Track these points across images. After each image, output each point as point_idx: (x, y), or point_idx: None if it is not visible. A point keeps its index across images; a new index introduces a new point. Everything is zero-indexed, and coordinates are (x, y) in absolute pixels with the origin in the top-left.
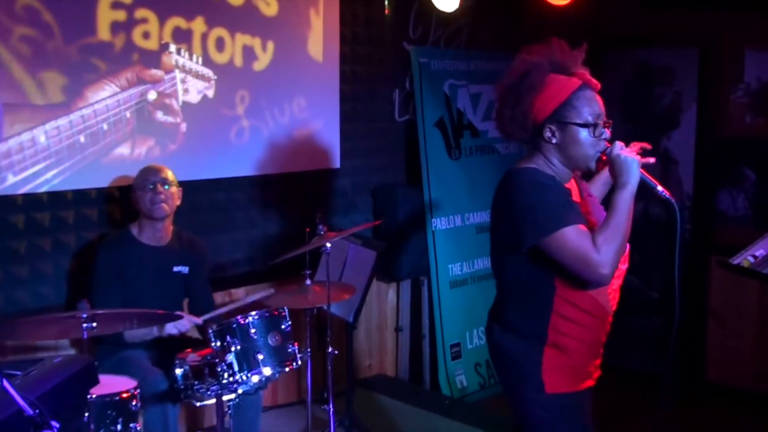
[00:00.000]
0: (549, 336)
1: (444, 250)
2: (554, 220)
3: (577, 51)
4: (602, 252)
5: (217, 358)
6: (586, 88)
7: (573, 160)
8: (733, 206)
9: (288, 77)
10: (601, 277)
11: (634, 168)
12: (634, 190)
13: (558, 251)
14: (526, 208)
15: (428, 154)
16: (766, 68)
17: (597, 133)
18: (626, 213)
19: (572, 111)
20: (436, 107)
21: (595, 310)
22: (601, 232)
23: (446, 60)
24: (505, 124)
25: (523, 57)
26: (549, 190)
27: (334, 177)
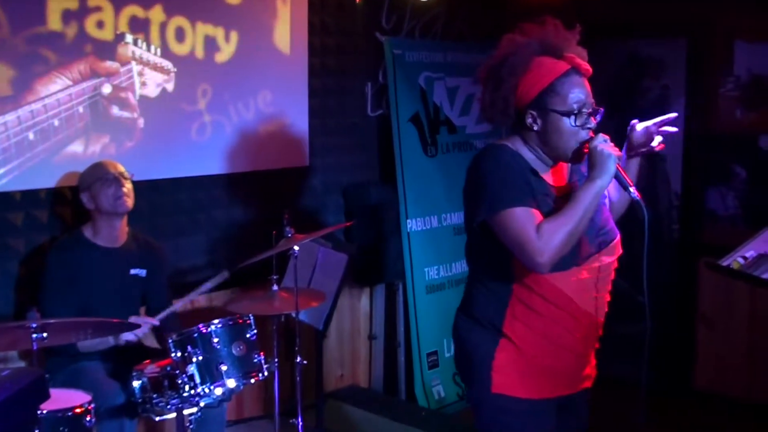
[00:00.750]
0: (506, 324)
1: (420, 253)
2: (503, 198)
3: (570, 32)
4: (544, 239)
5: (177, 370)
6: (574, 74)
7: (552, 149)
8: (722, 205)
9: (253, 70)
10: (535, 264)
11: (609, 164)
12: (603, 186)
13: (501, 231)
14: (481, 183)
15: (403, 151)
16: (757, 60)
17: (580, 122)
18: (585, 207)
19: (555, 97)
20: (411, 101)
21: (559, 300)
22: (552, 219)
23: (421, 51)
24: (486, 107)
25: (510, 37)
26: (507, 168)
27: (303, 175)
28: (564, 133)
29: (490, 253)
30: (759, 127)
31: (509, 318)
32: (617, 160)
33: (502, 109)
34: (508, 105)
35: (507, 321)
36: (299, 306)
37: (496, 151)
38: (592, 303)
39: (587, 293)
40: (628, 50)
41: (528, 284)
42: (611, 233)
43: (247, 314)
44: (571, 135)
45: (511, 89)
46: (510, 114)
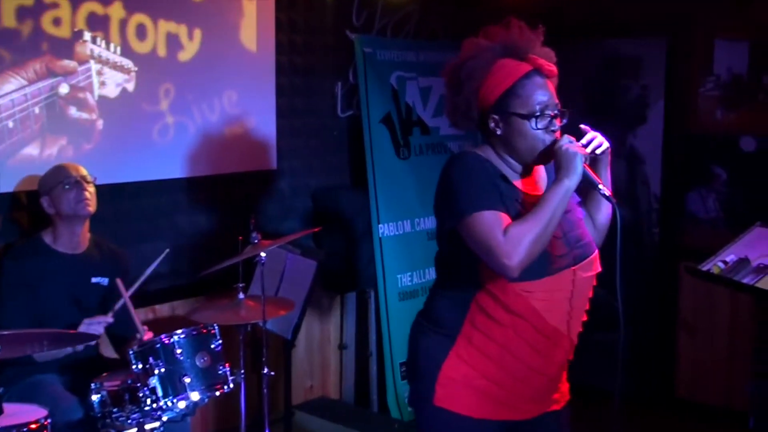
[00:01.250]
0: (462, 331)
1: (392, 259)
2: (470, 203)
3: (534, 33)
4: (512, 241)
5: (138, 382)
6: (535, 75)
7: (517, 153)
8: (703, 207)
9: (217, 69)
10: (504, 267)
11: (576, 163)
12: (570, 187)
13: (469, 236)
14: (449, 190)
15: (374, 153)
16: (737, 59)
17: (542, 125)
18: (553, 208)
19: (516, 100)
20: (382, 102)
21: (524, 312)
22: (519, 221)
23: (393, 50)
24: (449, 112)
25: (471, 40)
26: (474, 173)
27: (270, 179)
28: (526, 136)
29: (458, 260)
30: (739, 128)
31: (467, 326)
32: (584, 159)
33: (464, 113)
34: (470, 109)
35: (464, 329)
36: (266, 315)
37: (465, 157)
38: (565, 320)
39: (559, 309)
40: (606, 50)
41: (493, 292)
42: (588, 247)
43: (212, 324)
44: (533, 138)
45: (472, 93)
46: (473, 118)
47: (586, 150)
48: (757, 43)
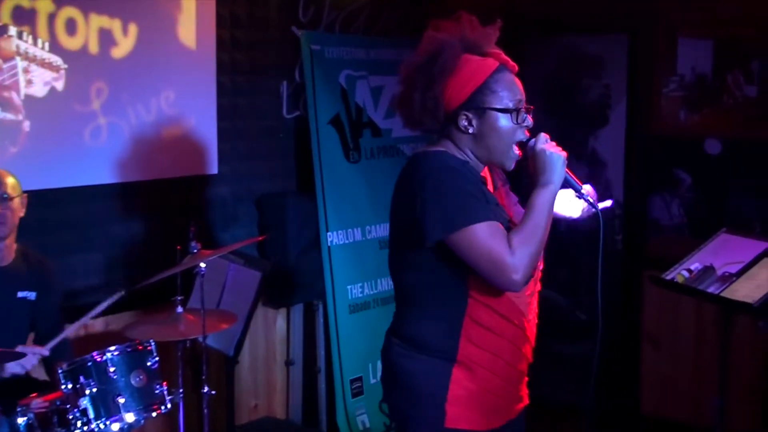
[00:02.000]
0: (460, 350)
1: (342, 269)
2: (464, 213)
3: (490, 28)
4: (517, 255)
5: (68, 404)
6: (504, 70)
7: (490, 152)
8: (667, 213)
9: (154, 66)
10: (512, 282)
11: (558, 166)
12: (556, 191)
13: (467, 250)
14: (434, 196)
15: (322, 156)
16: (701, 58)
17: (519, 120)
18: (546, 215)
19: (490, 95)
20: (330, 102)
21: (515, 316)
22: (517, 233)
23: (342, 47)
24: (414, 110)
25: (432, 34)
26: (460, 177)
27: (211, 184)
28: (502, 132)
29: (441, 273)
30: (704, 130)
31: (464, 342)
32: (565, 160)
33: (432, 112)
34: (438, 107)
35: (462, 346)
36: (207, 329)
37: (441, 158)
38: (533, 314)
39: (529, 304)
40: (566, 47)
41: (487, 303)
42: None
43: (148, 340)
44: (509, 134)
45: (441, 89)
46: (440, 117)
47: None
48: (721, 41)
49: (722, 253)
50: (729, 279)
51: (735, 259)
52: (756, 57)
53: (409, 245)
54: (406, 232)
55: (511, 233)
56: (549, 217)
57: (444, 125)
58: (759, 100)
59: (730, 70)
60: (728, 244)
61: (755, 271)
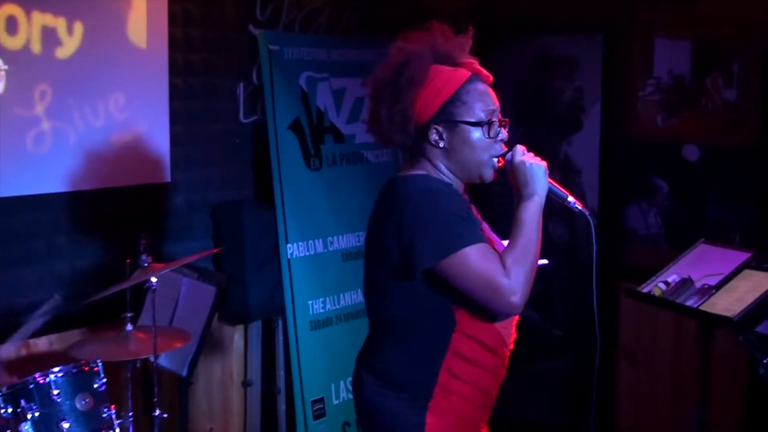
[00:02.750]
0: (438, 383)
1: (303, 283)
2: (455, 237)
3: (462, 37)
4: (512, 276)
5: (8, 429)
6: (477, 80)
7: (464, 167)
8: (644, 223)
9: (102, 68)
10: (511, 305)
11: (541, 176)
12: (542, 203)
13: (460, 276)
14: (420, 222)
15: (281, 163)
16: (679, 59)
17: (492, 133)
18: (535, 229)
19: (462, 107)
20: (290, 105)
21: (498, 347)
22: (509, 252)
23: (303, 47)
24: (382, 126)
25: (400, 45)
26: (446, 199)
27: (163, 193)
28: (476, 146)
29: (428, 304)
30: (681, 135)
31: (444, 376)
32: (547, 170)
33: (401, 126)
34: (407, 121)
35: (441, 379)
36: (158, 348)
37: (424, 181)
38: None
39: (513, 333)
40: (537, 48)
41: (473, 335)
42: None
43: (95, 360)
44: (483, 148)
45: (410, 102)
46: (410, 132)
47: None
48: (700, 41)
49: (701, 265)
50: (708, 292)
51: (714, 270)
52: (736, 59)
53: (393, 275)
54: (389, 262)
55: (504, 253)
56: (539, 231)
57: (416, 142)
58: (739, 104)
59: (709, 72)
60: (707, 255)
61: (735, 284)
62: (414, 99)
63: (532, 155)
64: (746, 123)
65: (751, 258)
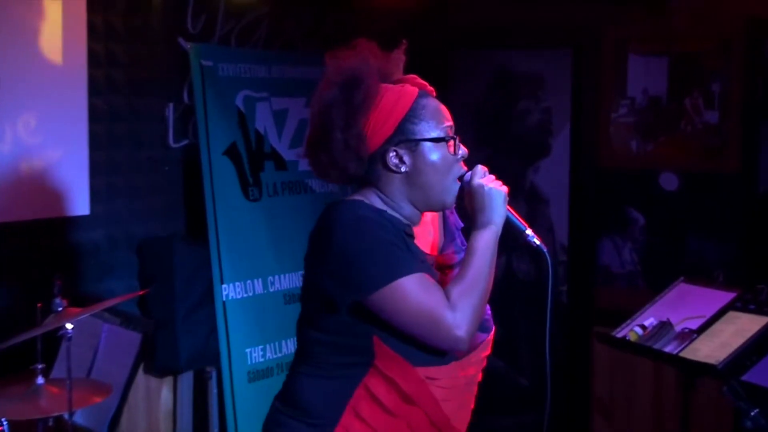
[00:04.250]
0: (341, 421)
1: (240, 329)
2: (388, 266)
3: (395, 53)
4: (458, 308)
5: None
6: (426, 96)
7: (427, 193)
8: (618, 259)
9: (10, 86)
10: (456, 340)
11: (499, 203)
12: (498, 232)
13: (395, 310)
14: (349, 251)
15: (216, 193)
16: (655, 78)
17: (457, 150)
18: (488, 260)
19: (420, 125)
20: (226, 128)
21: (425, 403)
22: (456, 283)
23: (240, 63)
24: (334, 154)
25: (342, 63)
26: (377, 226)
27: (81, 227)
28: (439, 166)
29: (349, 335)
30: (658, 162)
31: (348, 416)
32: (507, 197)
33: (356, 152)
34: (363, 146)
35: (344, 419)
36: (74, 404)
37: (356, 208)
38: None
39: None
40: (499, 63)
41: (389, 376)
42: (488, 322)
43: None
44: (446, 167)
45: (363, 125)
46: (364, 159)
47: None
48: (677, 58)
49: (681, 306)
50: (689, 336)
51: (695, 312)
52: (717, 77)
53: (319, 304)
54: (317, 291)
55: (450, 284)
56: (492, 262)
57: (368, 169)
58: (720, 126)
59: (688, 92)
60: (688, 296)
61: (719, 327)
62: (366, 121)
63: (492, 178)
64: (729, 148)
65: (735, 298)
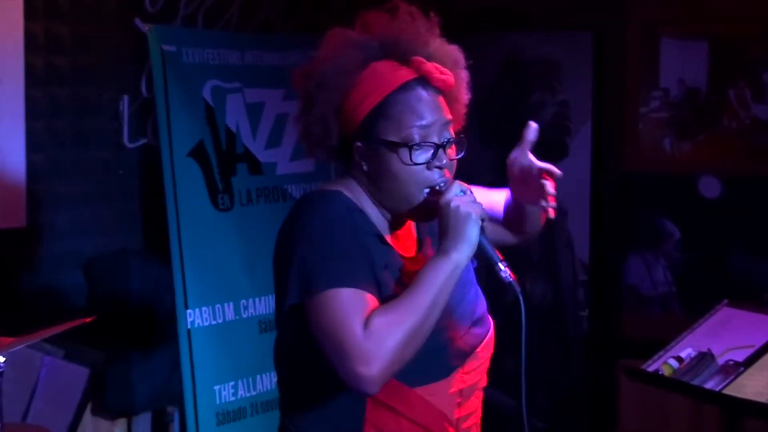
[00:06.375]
0: None
1: (207, 362)
2: (325, 274)
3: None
4: (373, 341)
5: None
6: (418, 86)
7: (389, 198)
8: (649, 280)
9: None
10: (359, 378)
11: (467, 228)
12: (460, 262)
13: (315, 322)
14: (298, 249)
15: (179, 201)
16: (693, 66)
17: (423, 158)
18: (432, 294)
19: (386, 122)
20: (191, 125)
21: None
22: (384, 311)
23: (208, 48)
24: (302, 136)
25: (338, 31)
26: (335, 226)
27: (17, 242)
28: (398, 175)
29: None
30: (697, 165)
31: None
32: (479, 221)
33: (319, 139)
34: (329, 133)
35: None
36: None
37: (323, 199)
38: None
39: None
40: (507, 48)
41: (390, 404)
42: (484, 322)
43: None
44: (409, 178)
45: (329, 110)
46: (331, 146)
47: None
48: (719, 42)
49: (724, 335)
50: (734, 370)
51: (741, 342)
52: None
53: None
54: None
55: (376, 310)
56: (441, 295)
57: (342, 157)
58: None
59: (732, 82)
60: (732, 322)
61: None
62: (338, 105)
63: (469, 198)
64: None
65: None
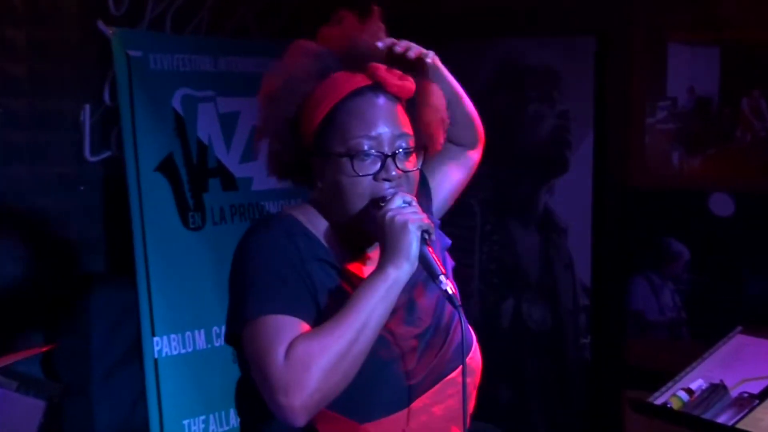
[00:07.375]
0: None
1: (175, 394)
2: (255, 302)
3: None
4: (295, 367)
5: None
6: (369, 92)
7: (339, 216)
8: (656, 304)
9: None
10: (281, 408)
11: (407, 243)
12: (398, 279)
13: (246, 352)
14: (235, 277)
15: (146, 220)
16: (703, 74)
17: (365, 169)
18: (363, 316)
19: (334, 132)
20: (159, 137)
21: None
22: (311, 335)
23: (177, 53)
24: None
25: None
26: (270, 254)
27: None
28: (344, 187)
29: None
30: (707, 180)
31: None
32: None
33: (278, 158)
34: (286, 149)
35: None
36: None
37: (265, 226)
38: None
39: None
40: (503, 54)
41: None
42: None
43: None
44: (353, 190)
45: (285, 123)
46: (290, 164)
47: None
48: (731, 48)
49: (738, 364)
50: (749, 403)
51: (757, 372)
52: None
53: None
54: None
55: (301, 336)
56: (374, 315)
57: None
58: None
59: (746, 92)
60: (746, 350)
61: None
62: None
63: (413, 211)
64: None
65: None
